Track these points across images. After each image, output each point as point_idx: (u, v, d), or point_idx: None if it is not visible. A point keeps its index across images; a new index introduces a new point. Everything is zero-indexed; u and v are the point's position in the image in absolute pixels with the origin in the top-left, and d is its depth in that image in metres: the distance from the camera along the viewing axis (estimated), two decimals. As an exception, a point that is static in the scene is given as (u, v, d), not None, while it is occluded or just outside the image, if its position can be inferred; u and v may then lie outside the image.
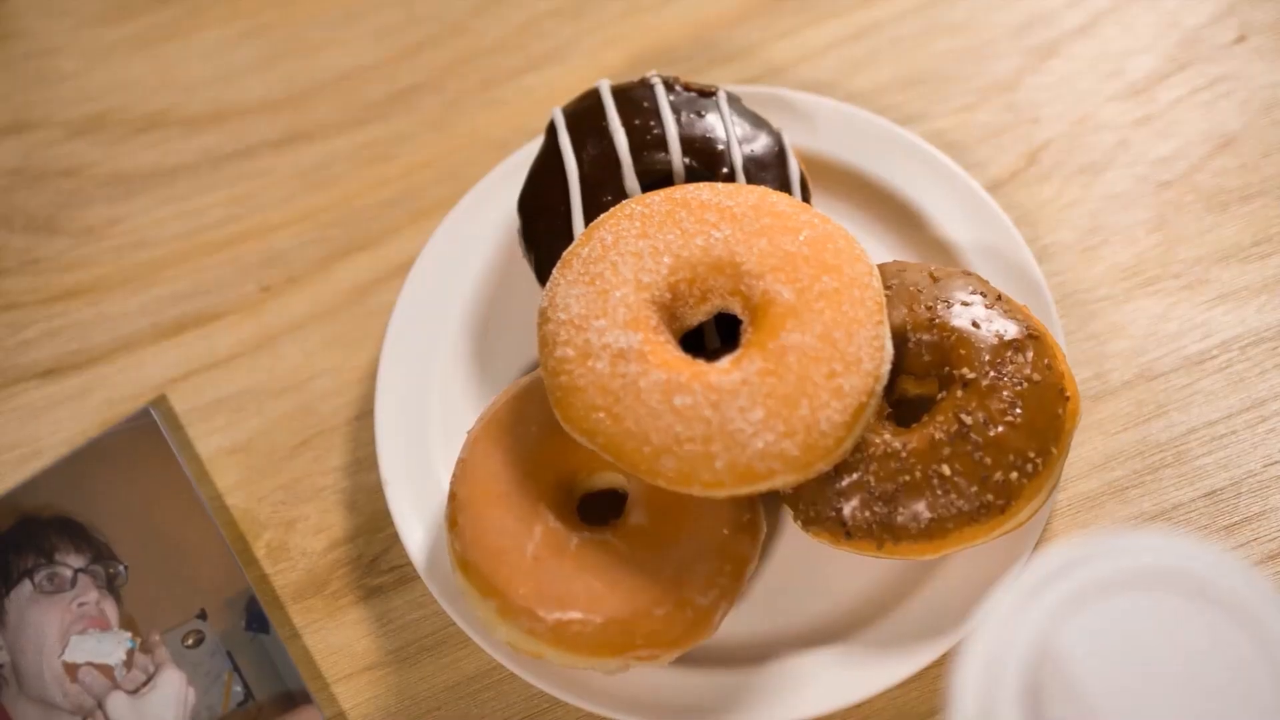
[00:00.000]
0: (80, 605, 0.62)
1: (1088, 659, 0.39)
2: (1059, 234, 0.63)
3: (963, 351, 0.56)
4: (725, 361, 0.54)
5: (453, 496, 0.57)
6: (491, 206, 0.64)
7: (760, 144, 0.61)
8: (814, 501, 0.56)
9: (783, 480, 0.53)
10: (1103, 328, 0.62)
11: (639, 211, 0.56)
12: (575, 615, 0.54)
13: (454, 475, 0.57)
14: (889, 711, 0.57)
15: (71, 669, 0.61)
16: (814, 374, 0.53)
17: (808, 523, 0.56)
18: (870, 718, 0.57)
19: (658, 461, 0.53)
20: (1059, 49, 0.67)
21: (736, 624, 0.58)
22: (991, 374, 0.55)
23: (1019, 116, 0.66)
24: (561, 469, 0.57)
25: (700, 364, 0.54)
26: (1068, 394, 0.56)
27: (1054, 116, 0.66)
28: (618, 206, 0.57)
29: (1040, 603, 0.40)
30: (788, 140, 0.62)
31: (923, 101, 0.67)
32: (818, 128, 0.64)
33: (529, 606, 0.54)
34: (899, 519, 0.55)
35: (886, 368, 0.54)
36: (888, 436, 0.55)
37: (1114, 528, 0.58)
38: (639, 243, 0.55)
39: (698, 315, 0.56)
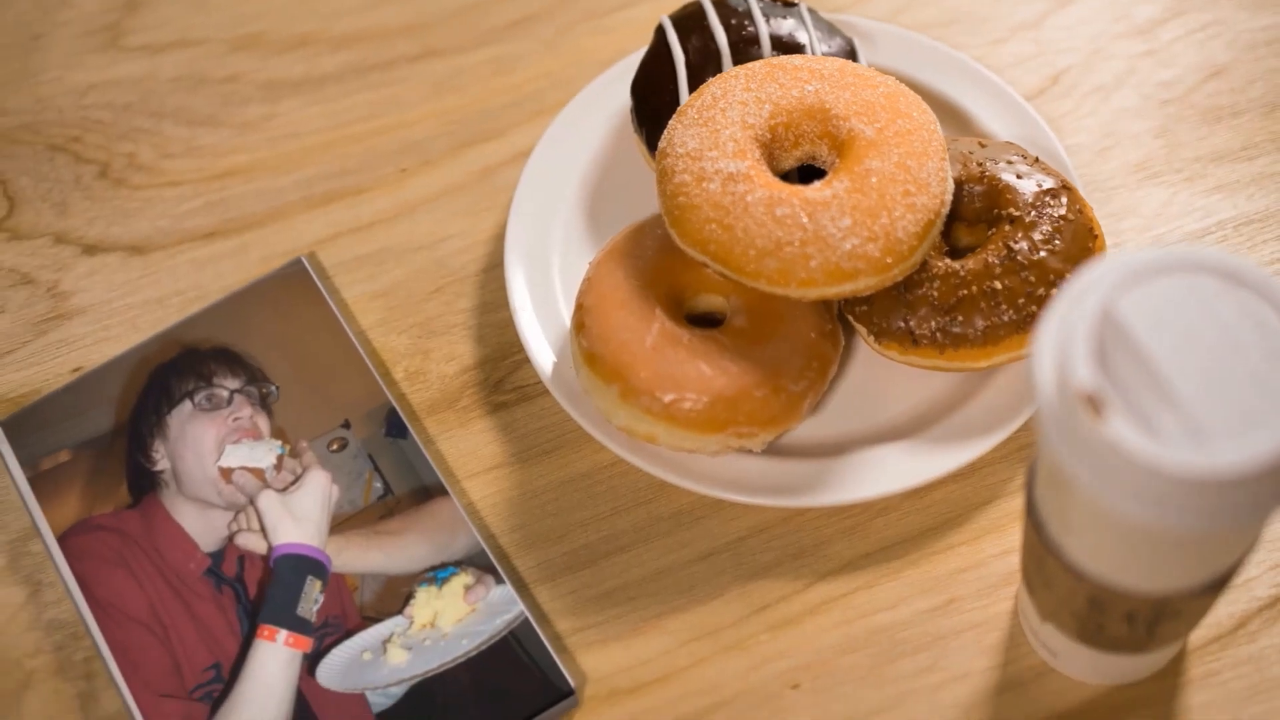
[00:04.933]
0: (235, 420, 0.71)
1: (1142, 322, 0.49)
2: (1078, 137, 0.75)
3: (1009, 196, 0.67)
4: (817, 184, 0.65)
5: (579, 307, 0.67)
6: (602, 104, 0.76)
7: (835, 44, 0.72)
8: (885, 316, 0.66)
9: (865, 282, 0.64)
10: (1118, 208, 0.73)
11: (743, 73, 0.68)
12: (688, 395, 0.64)
13: (580, 291, 0.67)
14: (945, 504, 0.66)
15: (226, 473, 0.69)
16: (892, 191, 0.64)
17: (879, 335, 0.67)
18: (931, 507, 0.66)
19: (761, 263, 0.63)
20: (1075, -3, 0.80)
21: (816, 426, 0.67)
22: (1033, 213, 0.66)
23: (1042, 49, 0.78)
24: (673, 285, 0.67)
25: (796, 186, 0.65)
26: (1096, 233, 0.67)
27: (1072, 49, 0.78)
28: (723, 73, 0.68)
29: (1100, 285, 0.51)
30: (859, 43, 0.74)
31: (960, 36, 0.79)
32: (878, 47, 0.76)
33: (648, 389, 0.64)
34: (957, 328, 0.65)
35: (949, 197, 0.65)
36: (948, 261, 0.66)
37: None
38: (744, 94, 0.67)
39: (790, 159, 0.67)
